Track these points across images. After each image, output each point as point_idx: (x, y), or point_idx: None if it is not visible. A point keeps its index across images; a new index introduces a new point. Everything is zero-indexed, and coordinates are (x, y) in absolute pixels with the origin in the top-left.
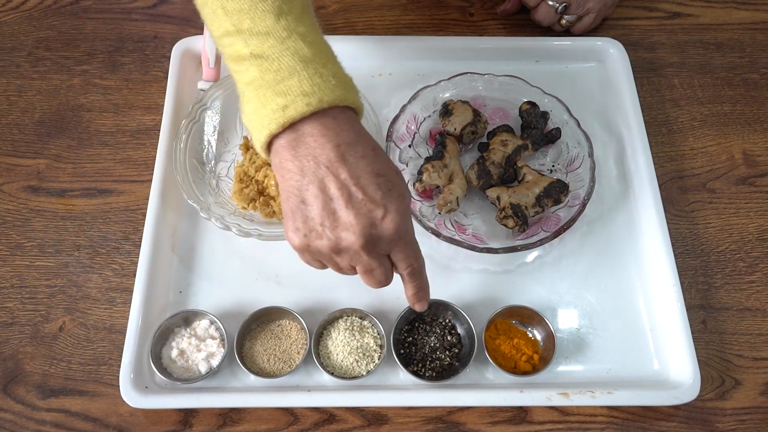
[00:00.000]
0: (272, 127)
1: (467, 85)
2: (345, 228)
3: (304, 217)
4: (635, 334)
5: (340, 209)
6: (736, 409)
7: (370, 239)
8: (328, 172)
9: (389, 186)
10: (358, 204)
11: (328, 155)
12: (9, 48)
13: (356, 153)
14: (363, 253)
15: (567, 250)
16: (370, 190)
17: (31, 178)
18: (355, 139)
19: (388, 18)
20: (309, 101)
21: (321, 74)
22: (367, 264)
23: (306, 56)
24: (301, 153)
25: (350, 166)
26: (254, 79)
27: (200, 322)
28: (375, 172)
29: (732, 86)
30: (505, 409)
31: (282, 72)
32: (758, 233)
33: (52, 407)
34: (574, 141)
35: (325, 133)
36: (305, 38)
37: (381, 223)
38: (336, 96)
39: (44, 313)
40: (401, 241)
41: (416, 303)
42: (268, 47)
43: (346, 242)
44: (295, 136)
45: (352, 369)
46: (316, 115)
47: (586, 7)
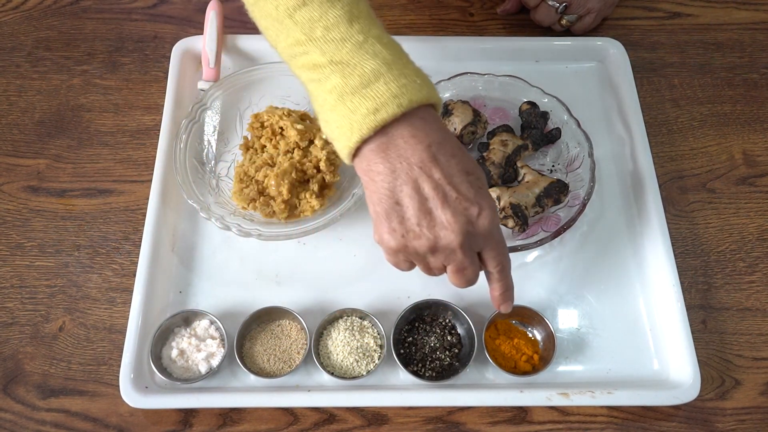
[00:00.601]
0: (364, 131)
1: (467, 85)
2: (443, 227)
3: (401, 217)
4: (635, 334)
5: (436, 209)
6: (736, 409)
7: (468, 237)
8: (422, 173)
9: (479, 183)
10: (454, 203)
11: (420, 156)
12: (9, 48)
13: (446, 152)
14: (459, 251)
15: (567, 250)
16: (463, 188)
17: (31, 178)
18: (444, 138)
19: (388, 18)
20: (400, 102)
21: (405, 75)
22: (461, 263)
23: (387, 58)
24: (391, 155)
25: (442, 165)
26: (337, 86)
27: (200, 322)
28: (465, 170)
29: (732, 86)
30: (505, 409)
31: (366, 76)
32: (758, 233)
33: (52, 407)
34: (574, 141)
35: (414, 134)
36: (381, 40)
37: (477, 221)
38: (423, 95)
39: (44, 313)
40: (493, 238)
41: (503, 303)
42: (347, 53)
43: (444, 241)
44: (386, 139)
45: (352, 369)
46: (405, 116)
47: (586, 6)
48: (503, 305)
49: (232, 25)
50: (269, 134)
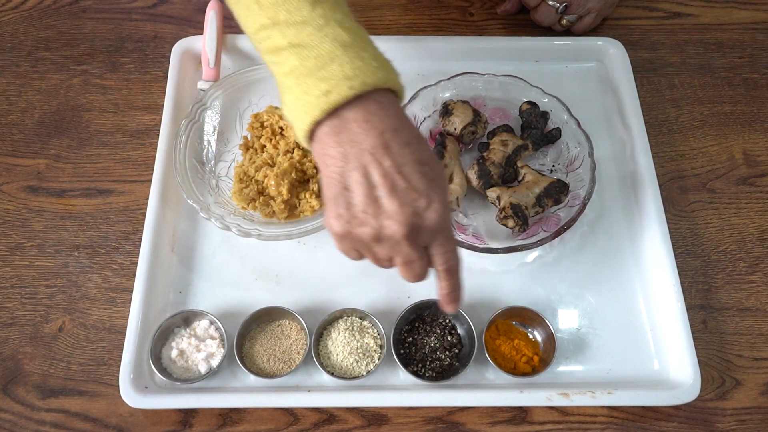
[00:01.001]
0: (315, 113)
1: (467, 85)
2: (388, 216)
3: (347, 203)
4: (635, 334)
5: (383, 197)
6: (737, 409)
7: (413, 229)
8: (372, 159)
9: (432, 175)
10: (402, 193)
11: (372, 142)
12: (8, 48)
13: (400, 140)
14: (405, 243)
15: (567, 250)
16: (414, 179)
17: (31, 178)
18: (399, 126)
19: (388, 18)
20: (352, 84)
21: (362, 57)
22: (407, 255)
23: (345, 41)
24: (344, 139)
25: (394, 153)
26: (294, 68)
27: (200, 323)
28: (419, 160)
29: (732, 86)
30: (505, 410)
31: (322, 58)
32: (759, 233)
33: (51, 407)
34: (574, 141)
35: (368, 118)
36: (342, 24)
37: (425, 213)
38: (378, 78)
39: (44, 313)
40: (442, 234)
41: (449, 303)
42: (306, 35)
43: (388, 231)
44: (339, 123)
45: (352, 369)
46: (360, 99)
47: (586, 6)
48: (448, 306)
49: (232, 25)
50: (269, 134)
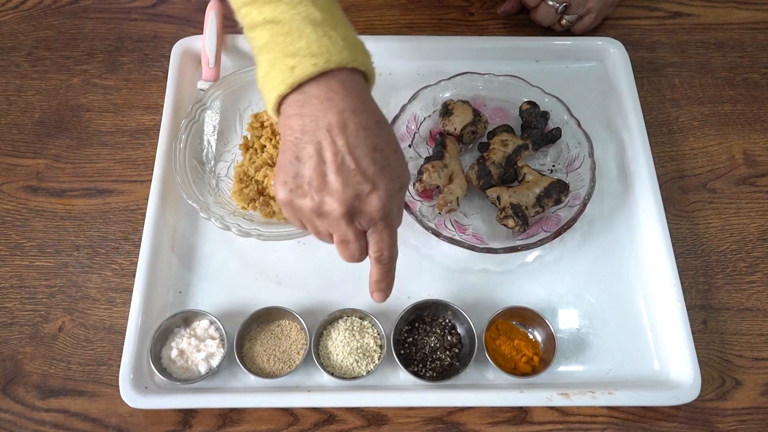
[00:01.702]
0: (281, 88)
1: (467, 85)
2: (330, 193)
3: (295, 172)
4: (635, 334)
5: (330, 174)
6: (737, 409)
7: (351, 210)
8: (327, 136)
9: (384, 163)
10: (348, 173)
11: (330, 119)
12: (8, 48)
13: (358, 122)
14: (342, 222)
15: (567, 250)
16: (363, 162)
17: (31, 178)
18: (360, 108)
19: (388, 18)
20: (316, 62)
21: (329, 36)
22: (344, 234)
23: (316, 19)
24: (305, 112)
25: (349, 134)
26: (266, 43)
27: (200, 323)
28: (373, 145)
29: (732, 86)
30: (505, 410)
31: (292, 35)
32: (759, 233)
33: (51, 407)
34: (575, 141)
35: (330, 96)
36: (316, 3)
37: (366, 198)
38: (343, 57)
39: (44, 313)
40: (381, 222)
41: (375, 291)
42: (280, 12)
43: (327, 207)
44: (302, 98)
45: (352, 369)
46: (324, 77)
47: (586, 6)
48: (374, 293)
49: (232, 24)
50: (269, 134)
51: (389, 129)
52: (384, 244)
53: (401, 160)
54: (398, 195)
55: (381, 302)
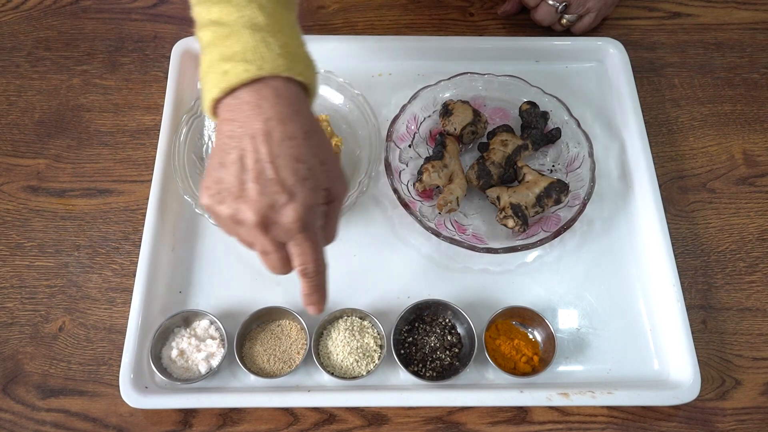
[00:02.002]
0: (214, 91)
1: (467, 85)
2: (245, 201)
3: (217, 178)
4: (635, 334)
5: (248, 182)
6: (737, 409)
7: (266, 221)
8: (251, 143)
9: (307, 174)
10: (266, 183)
11: (256, 127)
12: (9, 48)
13: (284, 131)
14: (258, 232)
15: (567, 250)
16: (283, 173)
17: (31, 178)
18: (288, 117)
19: (388, 18)
20: (248, 68)
21: (267, 43)
22: (263, 245)
23: (258, 24)
24: (235, 117)
25: (272, 143)
26: (207, 44)
27: (200, 323)
28: (296, 156)
29: (732, 86)
30: (505, 410)
31: (231, 38)
32: (758, 233)
33: (51, 407)
34: (574, 141)
35: (260, 103)
36: (263, 8)
37: (281, 209)
38: (277, 65)
39: (44, 313)
40: (300, 235)
41: (307, 305)
42: (225, 14)
43: (242, 215)
44: (235, 103)
45: (352, 369)
46: (257, 83)
47: (586, 6)
48: (308, 307)
49: None
50: None
51: (320, 140)
52: (307, 257)
53: (332, 172)
54: (320, 207)
55: (316, 315)
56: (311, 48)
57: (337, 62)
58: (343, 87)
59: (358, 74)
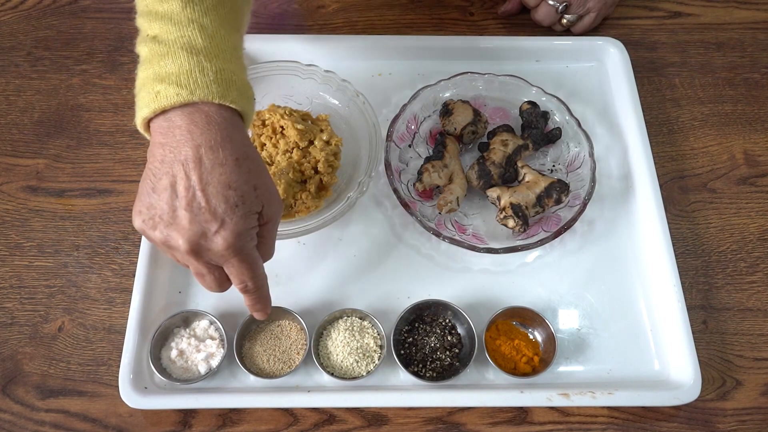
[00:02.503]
0: (145, 111)
1: (467, 85)
2: (177, 229)
3: (150, 203)
4: (636, 334)
5: (179, 209)
6: (737, 409)
7: (197, 248)
8: (182, 170)
9: (237, 201)
10: (197, 211)
11: (187, 153)
12: (8, 47)
13: (215, 158)
14: (190, 257)
15: (567, 250)
16: (214, 200)
17: (30, 178)
18: (220, 144)
19: (388, 17)
20: (179, 92)
21: (202, 68)
22: (196, 268)
23: (196, 47)
24: (167, 141)
25: (203, 170)
26: (144, 60)
27: (200, 323)
28: (227, 183)
29: (733, 86)
30: (505, 410)
31: (166, 58)
32: (759, 233)
33: (51, 408)
34: (575, 141)
35: (191, 129)
36: (204, 30)
37: (212, 236)
38: (209, 92)
39: (43, 313)
40: (234, 259)
41: (254, 312)
42: (165, 32)
43: (173, 242)
44: (167, 126)
45: (352, 369)
46: (190, 107)
47: (586, 6)
48: (255, 313)
49: None
50: (269, 132)
51: (252, 165)
52: (244, 277)
53: (264, 195)
54: (253, 231)
55: (263, 319)
56: (311, 47)
57: (337, 62)
58: (343, 87)
59: (358, 74)
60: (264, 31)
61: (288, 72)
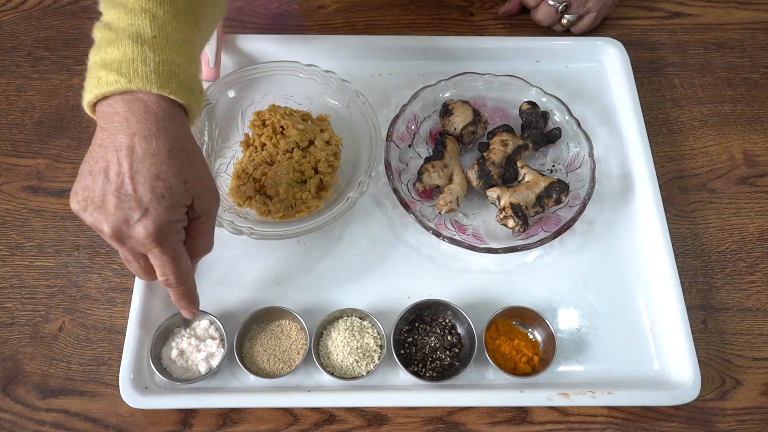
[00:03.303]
0: (88, 96)
1: (467, 85)
2: (103, 213)
3: (85, 186)
4: (635, 334)
5: (108, 194)
6: (737, 409)
7: (120, 234)
8: (115, 157)
9: (164, 192)
10: (124, 197)
11: (122, 141)
12: (8, 48)
13: (147, 148)
14: (114, 242)
15: (567, 250)
16: (141, 189)
17: (31, 178)
18: (155, 134)
19: (388, 18)
20: (118, 80)
21: (145, 58)
22: (123, 254)
23: (143, 37)
24: (106, 126)
25: (135, 159)
26: (95, 45)
27: (200, 323)
28: (156, 173)
29: (732, 86)
30: (505, 410)
31: (113, 45)
32: (759, 233)
33: (51, 407)
34: (575, 141)
35: (129, 117)
36: (155, 20)
37: (134, 224)
38: (148, 82)
39: (44, 313)
40: (156, 249)
41: (181, 309)
42: (118, 19)
43: (99, 226)
44: (109, 111)
45: (352, 369)
46: (130, 95)
47: (586, 6)
48: (182, 311)
49: (232, 24)
50: (270, 132)
51: (186, 158)
52: (166, 270)
53: (197, 189)
54: (179, 224)
55: (189, 317)
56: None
57: (337, 62)
58: (343, 87)
59: (358, 74)
60: (264, 31)
61: (288, 72)
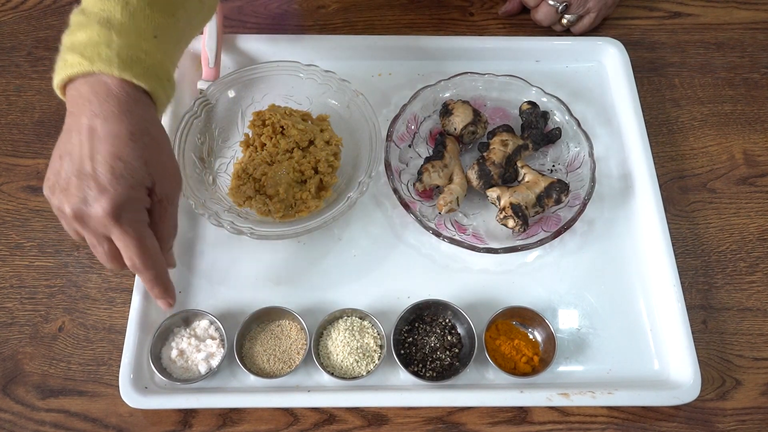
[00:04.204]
0: (56, 79)
1: (467, 85)
2: (65, 194)
3: (55, 170)
4: (635, 334)
5: (71, 176)
6: (737, 409)
7: (80, 214)
8: (78, 138)
9: (124, 173)
10: (83, 177)
11: (83, 122)
12: (8, 48)
13: (108, 130)
14: (75, 224)
15: (567, 250)
16: (100, 168)
17: (31, 177)
18: (116, 116)
19: (388, 18)
20: (81, 61)
21: (110, 42)
22: (88, 238)
23: (112, 21)
24: (73, 110)
25: (95, 140)
26: (68, 29)
27: (200, 323)
28: (116, 154)
29: (732, 86)
30: (505, 410)
31: (82, 28)
32: (759, 233)
33: (51, 407)
34: (575, 141)
35: (91, 99)
36: (127, 7)
37: (93, 203)
38: (109, 65)
39: (44, 313)
40: (116, 229)
41: (157, 300)
42: (91, 5)
43: (62, 207)
44: (76, 94)
45: (352, 369)
46: (91, 78)
47: (586, 6)
48: (157, 302)
49: (232, 24)
50: (270, 132)
51: (149, 141)
52: (130, 252)
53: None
54: (139, 204)
55: (166, 309)
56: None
57: (337, 62)
58: (343, 87)
59: (358, 74)
60: (264, 31)
61: (288, 72)
